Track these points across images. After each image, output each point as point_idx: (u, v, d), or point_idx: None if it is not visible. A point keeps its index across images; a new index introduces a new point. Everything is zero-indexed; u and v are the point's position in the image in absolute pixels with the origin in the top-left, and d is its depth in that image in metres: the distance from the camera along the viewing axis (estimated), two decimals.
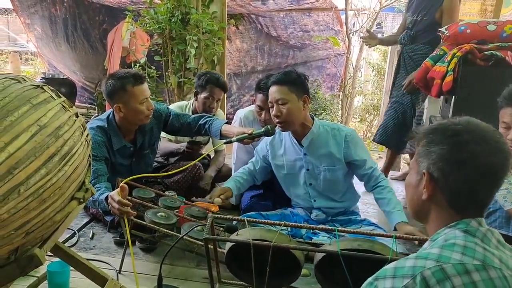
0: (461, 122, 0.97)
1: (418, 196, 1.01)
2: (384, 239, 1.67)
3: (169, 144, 2.94)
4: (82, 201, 1.37)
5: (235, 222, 1.69)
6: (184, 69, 4.00)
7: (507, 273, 0.86)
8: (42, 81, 4.92)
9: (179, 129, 2.56)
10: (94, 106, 6.19)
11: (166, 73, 4.11)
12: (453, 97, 2.84)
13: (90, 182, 1.44)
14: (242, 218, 1.58)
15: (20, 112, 1.15)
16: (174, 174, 2.58)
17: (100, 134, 2.27)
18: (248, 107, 2.86)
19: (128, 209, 1.80)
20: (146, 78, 2.39)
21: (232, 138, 2.24)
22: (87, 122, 1.64)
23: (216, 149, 3.04)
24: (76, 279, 1.74)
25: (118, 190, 1.82)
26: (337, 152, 2.25)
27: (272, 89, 2.16)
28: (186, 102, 3.12)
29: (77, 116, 1.40)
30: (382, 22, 9.58)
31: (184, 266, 2.05)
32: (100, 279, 1.57)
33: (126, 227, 1.77)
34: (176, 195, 2.30)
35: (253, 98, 2.70)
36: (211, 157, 3.18)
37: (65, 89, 5.16)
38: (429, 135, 0.99)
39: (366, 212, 2.91)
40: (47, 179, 1.17)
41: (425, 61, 3.02)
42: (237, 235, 1.53)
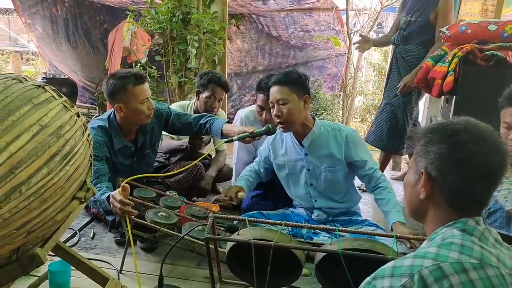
0: (459, 122, 0.97)
1: (416, 195, 1.02)
2: (384, 239, 1.68)
3: (171, 141, 2.95)
4: (83, 200, 1.37)
5: (236, 222, 1.69)
6: (185, 69, 4.01)
7: (505, 271, 0.86)
8: (43, 81, 4.91)
9: (180, 128, 2.56)
10: (95, 106, 6.19)
11: (167, 73, 4.11)
12: (454, 97, 2.84)
13: (91, 182, 1.44)
14: (243, 218, 1.58)
15: (21, 111, 1.15)
16: (175, 174, 2.58)
17: (101, 134, 2.27)
18: (249, 107, 2.86)
19: (129, 208, 1.80)
20: (147, 78, 2.40)
21: (233, 137, 2.24)
22: (88, 122, 1.64)
23: (217, 148, 3.04)
24: (77, 279, 1.75)
25: (119, 189, 1.82)
26: (337, 152, 2.25)
27: (273, 89, 2.16)
28: (188, 102, 3.12)
29: (78, 116, 1.40)
30: (383, 22, 9.59)
31: (185, 265, 2.05)
32: (101, 279, 1.57)
33: (127, 227, 1.77)
34: (177, 195, 2.30)
35: (253, 98, 2.70)
36: (212, 157, 3.18)
37: (66, 89, 5.15)
38: (427, 135, 0.99)
39: (367, 212, 2.91)
40: (49, 179, 1.17)
41: (425, 61, 3.02)
42: (238, 235, 1.53)
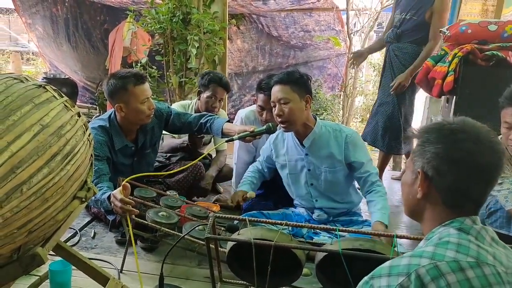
0: (456, 121, 0.97)
1: (413, 194, 1.02)
2: (385, 239, 1.68)
3: (172, 140, 2.96)
4: (84, 200, 1.37)
5: (237, 222, 1.70)
6: (185, 69, 4.01)
7: (501, 269, 0.87)
8: (44, 81, 4.92)
9: (180, 128, 2.56)
10: (95, 106, 6.20)
11: (167, 73, 4.11)
12: (454, 97, 2.84)
13: (92, 182, 1.44)
14: (243, 217, 1.58)
15: (22, 111, 1.16)
16: (176, 174, 2.58)
17: (101, 133, 2.27)
18: (249, 107, 2.86)
19: (130, 207, 1.81)
20: (147, 78, 2.39)
21: (233, 136, 2.25)
22: (89, 122, 1.64)
23: (217, 148, 3.04)
24: (77, 278, 1.75)
25: (120, 188, 1.83)
26: (338, 153, 2.25)
27: (274, 88, 2.17)
28: (189, 101, 3.13)
29: (79, 115, 1.40)
30: (383, 22, 9.56)
31: (185, 265, 2.05)
32: (101, 278, 1.58)
33: (128, 226, 1.78)
34: (177, 195, 2.30)
35: (254, 98, 2.70)
36: (212, 157, 3.19)
37: (66, 89, 5.16)
38: (424, 135, 1.00)
39: (367, 212, 2.90)
40: (50, 178, 1.17)
41: (426, 61, 3.02)
42: (238, 235, 1.54)
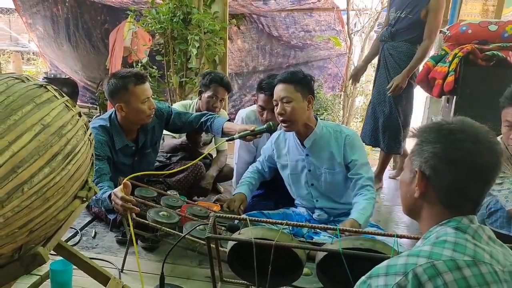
0: (454, 121, 0.98)
1: (411, 193, 1.03)
2: (385, 239, 1.68)
3: (173, 140, 2.96)
4: (85, 200, 1.37)
5: (237, 222, 1.70)
6: (185, 69, 4.01)
7: (498, 268, 0.87)
8: (44, 81, 4.92)
9: (181, 127, 2.57)
10: (95, 106, 6.20)
11: (168, 73, 4.11)
12: (454, 97, 2.85)
13: (93, 181, 1.44)
14: (244, 217, 1.58)
15: (23, 111, 1.16)
16: (176, 174, 2.59)
17: (102, 133, 2.27)
18: (249, 107, 2.87)
19: (131, 205, 1.81)
20: (148, 77, 2.40)
21: (234, 135, 2.25)
22: (89, 121, 1.65)
23: (218, 148, 3.04)
24: (78, 278, 1.75)
25: (121, 187, 1.83)
26: (337, 154, 2.24)
27: (278, 87, 2.17)
28: (190, 101, 3.13)
29: (80, 115, 1.41)
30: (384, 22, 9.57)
31: (186, 265, 2.06)
32: (102, 278, 1.58)
33: (129, 225, 1.78)
34: (178, 195, 2.30)
35: (254, 98, 2.70)
36: (213, 157, 3.19)
37: (67, 89, 5.16)
38: (423, 134, 1.00)
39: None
40: (51, 178, 1.17)
41: (426, 61, 3.02)
42: (239, 234, 1.54)
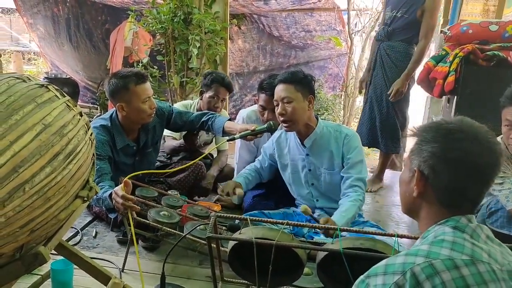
0: (454, 121, 0.98)
1: (410, 193, 1.03)
2: (386, 239, 1.68)
3: (173, 141, 2.97)
4: (86, 199, 1.37)
5: (238, 221, 1.70)
6: (186, 69, 4.02)
7: (496, 266, 0.87)
8: (45, 81, 4.92)
9: (182, 126, 2.57)
10: (96, 106, 6.20)
11: (169, 73, 4.12)
12: (455, 97, 2.85)
13: (94, 181, 1.45)
14: (244, 217, 1.59)
15: (25, 111, 1.16)
16: (177, 174, 2.59)
17: (103, 133, 2.28)
18: (250, 107, 2.87)
19: (131, 204, 1.81)
20: (149, 77, 2.40)
21: (235, 135, 2.25)
22: (90, 122, 1.65)
23: (219, 148, 3.05)
24: (79, 277, 1.75)
25: (121, 185, 1.83)
26: (336, 154, 2.24)
27: (278, 87, 2.17)
28: (191, 101, 3.13)
29: (81, 115, 1.41)
30: None
31: (186, 264, 2.06)
32: (103, 277, 1.58)
33: (130, 225, 1.78)
34: (178, 194, 2.31)
35: (255, 98, 2.70)
36: (214, 156, 3.19)
37: (67, 88, 5.16)
38: (422, 134, 1.00)
39: (368, 212, 2.91)
40: (52, 178, 1.17)
41: (427, 61, 3.02)
42: (239, 234, 1.54)
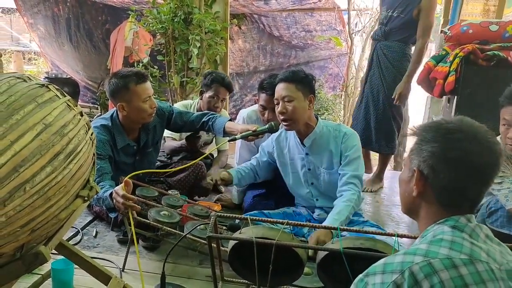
0: (453, 121, 0.98)
1: (409, 192, 1.03)
2: (386, 238, 1.68)
3: (173, 142, 2.97)
4: (87, 199, 1.37)
5: (238, 221, 1.70)
6: (186, 69, 4.02)
7: (494, 266, 0.87)
8: (46, 80, 4.92)
9: (182, 126, 2.57)
10: (96, 106, 6.21)
11: (169, 72, 4.12)
12: (455, 97, 2.85)
13: (94, 181, 1.45)
14: (245, 216, 1.59)
15: (25, 110, 1.16)
16: (177, 173, 2.59)
17: (104, 132, 2.28)
18: (251, 107, 2.87)
19: (132, 203, 1.81)
20: (149, 77, 2.40)
21: (236, 136, 2.25)
22: (90, 121, 1.65)
23: (219, 148, 3.05)
24: (79, 277, 1.76)
25: (122, 185, 1.83)
26: (336, 153, 2.25)
27: (279, 86, 2.17)
28: (191, 101, 3.13)
29: (81, 114, 1.41)
30: None
31: (187, 264, 2.06)
32: (103, 277, 1.58)
33: (130, 224, 1.78)
34: (179, 194, 2.31)
35: (255, 98, 2.70)
36: (214, 156, 3.19)
37: (68, 88, 5.16)
38: (422, 133, 1.00)
39: (368, 212, 2.91)
40: (52, 177, 1.17)
41: (427, 61, 3.02)
42: (240, 234, 1.54)
